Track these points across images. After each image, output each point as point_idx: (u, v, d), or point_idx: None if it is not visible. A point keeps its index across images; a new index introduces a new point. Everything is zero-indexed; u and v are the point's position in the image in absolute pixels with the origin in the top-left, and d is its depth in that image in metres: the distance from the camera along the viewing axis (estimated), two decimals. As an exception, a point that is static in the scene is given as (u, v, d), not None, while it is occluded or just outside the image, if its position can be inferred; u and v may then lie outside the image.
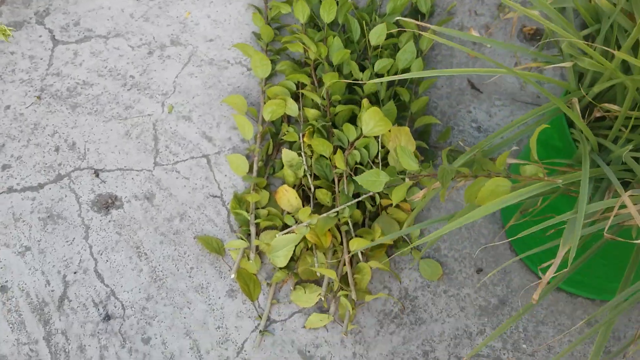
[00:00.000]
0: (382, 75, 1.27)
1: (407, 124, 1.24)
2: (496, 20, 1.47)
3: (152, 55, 1.42)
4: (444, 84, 1.37)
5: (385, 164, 1.16)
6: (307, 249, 1.13)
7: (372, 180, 0.87)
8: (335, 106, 1.22)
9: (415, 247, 1.15)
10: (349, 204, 1.07)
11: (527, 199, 0.74)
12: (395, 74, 1.29)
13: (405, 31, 1.37)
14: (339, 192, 1.12)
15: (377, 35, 1.27)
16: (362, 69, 1.30)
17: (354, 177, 0.87)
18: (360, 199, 1.08)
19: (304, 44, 1.29)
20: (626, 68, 0.85)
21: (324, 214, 1.05)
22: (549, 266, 0.69)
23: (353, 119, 1.24)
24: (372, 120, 1.10)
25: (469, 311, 1.10)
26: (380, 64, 1.25)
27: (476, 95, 1.36)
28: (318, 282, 1.11)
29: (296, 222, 1.09)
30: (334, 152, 1.16)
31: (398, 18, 0.91)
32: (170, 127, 1.32)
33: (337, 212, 1.07)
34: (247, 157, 1.26)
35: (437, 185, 0.82)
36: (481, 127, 1.30)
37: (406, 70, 1.28)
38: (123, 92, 1.36)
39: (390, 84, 1.30)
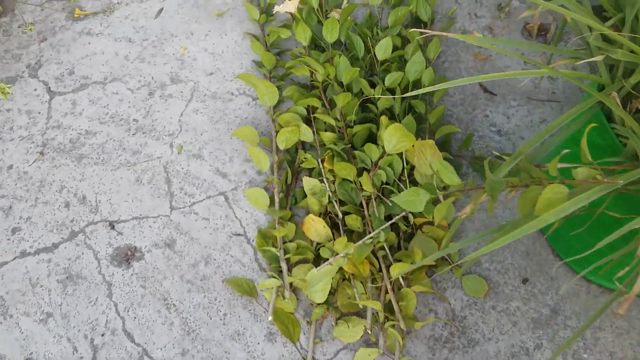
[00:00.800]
0: (393, 90, 1.23)
1: (427, 136, 1.20)
2: (497, 20, 1.44)
3: (153, 95, 1.37)
4: (456, 91, 1.33)
5: (412, 181, 1.11)
6: (343, 279, 1.07)
7: (412, 200, 0.82)
8: (351, 127, 1.17)
9: (456, 264, 1.10)
10: (383, 227, 1.02)
11: (586, 203, 0.70)
12: (406, 86, 1.25)
13: (409, 42, 1.33)
14: (370, 215, 1.07)
15: (384, 49, 1.23)
16: (372, 85, 1.26)
17: (391, 199, 0.82)
18: (393, 220, 1.03)
19: (309, 66, 1.25)
20: (664, 55, 0.81)
21: (360, 242, 1.00)
22: (625, 276, 0.64)
23: (371, 138, 1.19)
24: (394, 137, 1.05)
25: (521, 325, 1.05)
26: (391, 78, 1.21)
27: (490, 98, 1.32)
28: (360, 313, 1.06)
29: (332, 253, 1.04)
30: (358, 175, 1.11)
31: (411, 30, 0.87)
32: (182, 168, 1.27)
33: (372, 237, 1.02)
34: (266, 189, 1.21)
35: (483, 198, 0.78)
36: (501, 131, 1.26)
37: (417, 81, 1.24)
38: (128, 137, 1.31)
39: (403, 97, 1.26)
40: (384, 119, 1.11)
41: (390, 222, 1.03)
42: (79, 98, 1.38)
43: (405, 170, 1.11)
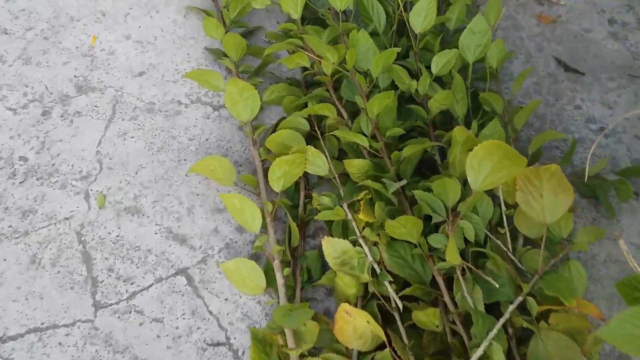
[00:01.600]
0: (442, 79, 0.77)
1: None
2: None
3: (50, 115, 0.85)
4: (525, 72, 0.89)
5: (512, 231, 0.66)
6: (417, 417, 0.61)
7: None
8: (397, 148, 0.70)
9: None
10: (494, 331, 0.56)
11: None
12: (464, 69, 0.79)
13: (448, 3, 0.88)
14: (456, 305, 0.61)
15: (423, 16, 0.77)
16: (410, 73, 0.80)
17: (598, 334, 0.37)
18: (507, 315, 0.57)
19: (309, 51, 0.76)
20: None
21: (464, 370, 0.54)
22: None
23: (424, 163, 0.73)
24: (489, 162, 0.59)
25: None
26: (441, 61, 0.75)
27: (576, 79, 0.88)
28: None
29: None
30: (424, 232, 0.64)
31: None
32: (108, 233, 0.76)
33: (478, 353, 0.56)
34: (256, 257, 0.73)
35: None
36: (605, 128, 0.83)
37: (480, 60, 0.78)
38: (12, 188, 0.79)
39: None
40: (459, 130, 0.65)
41: (501, 323, 0.57)
42: None
43: (502, 216, 0.65)
